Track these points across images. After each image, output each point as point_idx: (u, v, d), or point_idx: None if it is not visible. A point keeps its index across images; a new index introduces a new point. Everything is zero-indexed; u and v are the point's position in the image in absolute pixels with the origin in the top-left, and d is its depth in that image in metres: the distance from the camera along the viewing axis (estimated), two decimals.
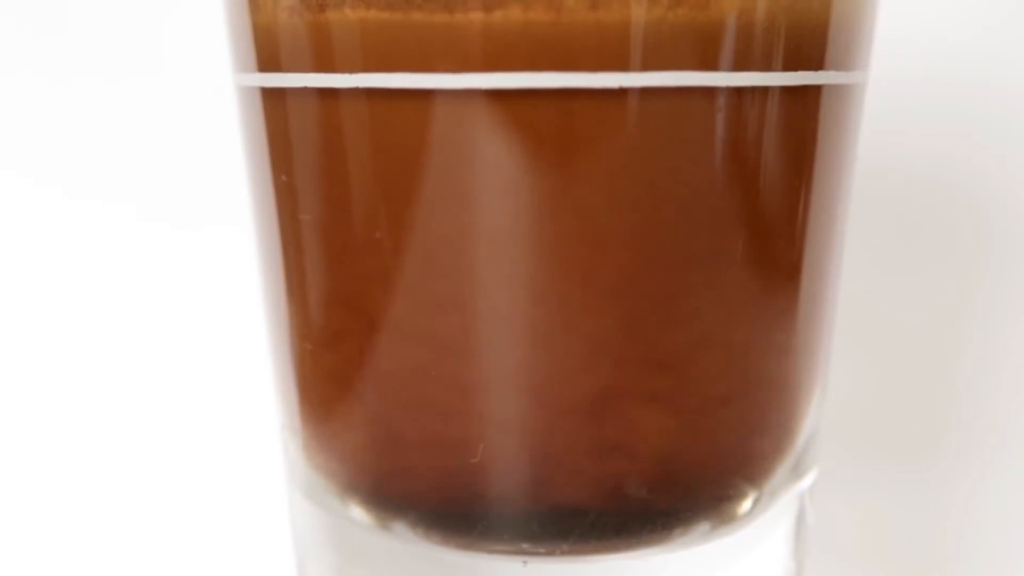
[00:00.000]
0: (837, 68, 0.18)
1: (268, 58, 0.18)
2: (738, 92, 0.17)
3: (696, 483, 0.19)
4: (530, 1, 0.16)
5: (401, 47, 0.16)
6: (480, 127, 0.16)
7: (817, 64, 0.18)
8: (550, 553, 0.18)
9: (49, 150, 0.34)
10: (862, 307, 0.33)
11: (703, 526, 0.19)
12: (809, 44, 0.18)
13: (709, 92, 0.17)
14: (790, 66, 0.17)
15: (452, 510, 0.19)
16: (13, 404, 0.35)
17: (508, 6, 0.16)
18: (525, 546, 0.18)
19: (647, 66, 0.16)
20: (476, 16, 0.16)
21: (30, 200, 0.34)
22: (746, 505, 0.20)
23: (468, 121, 0.16)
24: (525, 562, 0.18)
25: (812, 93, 0.18)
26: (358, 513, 0.20)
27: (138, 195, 0.34)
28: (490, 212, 0.17)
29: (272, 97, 0.18)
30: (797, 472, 0.20)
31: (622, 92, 0.16)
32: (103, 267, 0.35)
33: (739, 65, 0.17)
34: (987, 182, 0.33)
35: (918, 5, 0.32)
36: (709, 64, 0.17)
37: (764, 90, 0.17)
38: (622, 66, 0.16)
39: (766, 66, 0.17)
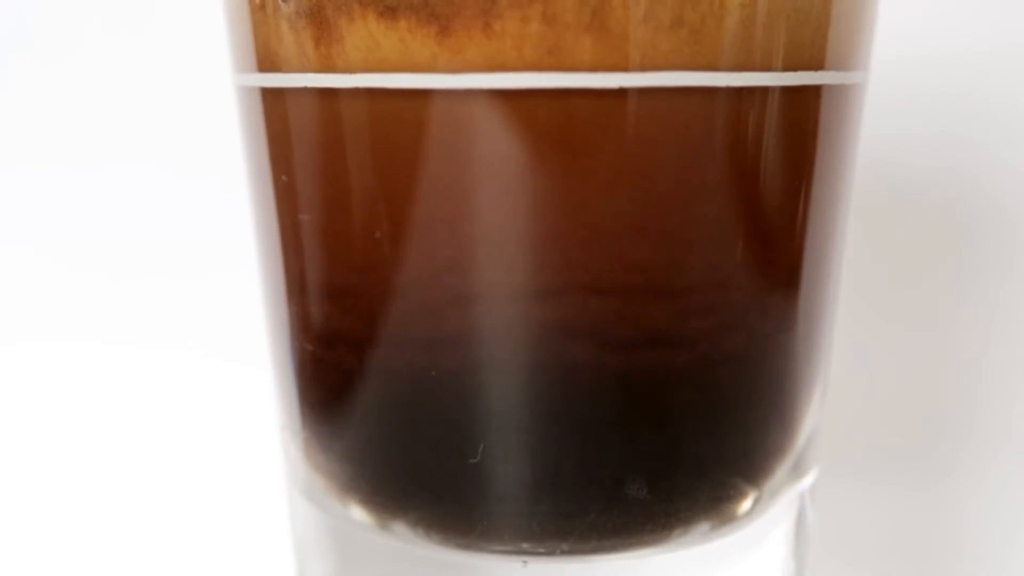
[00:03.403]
0: (837, 68, 0.18)
1: (268, 58, 0.18)
2: (738, 92, 0.17)
3: (696, 483, 0.19)
4: (527, 21, 0.16)
5: (400, 51, 0.16)
6: (480, 127, 0.16)
7: (817, 64, 0.18)
8: (550, 553, 0.18)
9: (46, 148, 0.34)
10: (863, 307, 0.33)
11: (703, 526, 0.19)
12: (809, 44, 0.18)
13: (709, 92, 0.17)
14: (790, 66, 0.17)
15: (452, 510, 0.19)
16: (14, 404, 0.35)
17: (506, 25, 0.16)
18: (525, 546, 0.18)
19: (647, 66, 0.16)
20: (475, 36, 0.16)
21: (30, 195, 0.34)
22: (746, 505, 0.20)
23: (468, 121, 0.16)
24: (525, 562, 0.18)
25: (812, 93, 0.18)
26: (358, 513, 0.20)
27: (138, 193, 0.34)
28: (490, 212, 0.17)
29: (272, 97, 0.18)
30: (797, 472, 0.20)
31: (622, 92, 0.16)
32: (102, 263, 0.35)
33: (739, 65, 0.17)
34: (989, 182, 0.33)
35: (918, 5, 0.32)
36: (709, 64, 0.16)
37: (764, 90, 0.17)
38: (622, 66, 0.16)
39: (766, 66, 0.17)
